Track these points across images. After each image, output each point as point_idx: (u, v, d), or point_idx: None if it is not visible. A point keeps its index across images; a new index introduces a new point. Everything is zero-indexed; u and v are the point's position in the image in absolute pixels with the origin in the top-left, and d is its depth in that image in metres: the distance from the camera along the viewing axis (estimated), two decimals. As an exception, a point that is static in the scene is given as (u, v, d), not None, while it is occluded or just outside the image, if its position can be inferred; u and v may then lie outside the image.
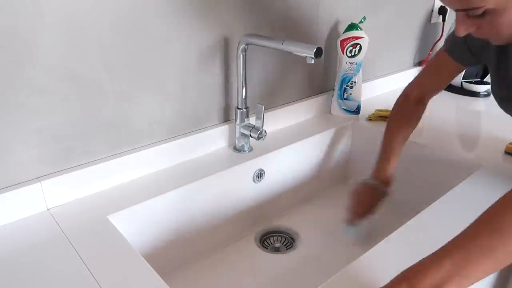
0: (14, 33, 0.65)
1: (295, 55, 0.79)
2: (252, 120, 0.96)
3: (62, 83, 0.72)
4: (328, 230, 0.98)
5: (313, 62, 0.78)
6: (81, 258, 0.65)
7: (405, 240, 0.70)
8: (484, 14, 0.57)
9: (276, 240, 0.98)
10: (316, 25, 1.11)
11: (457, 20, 0.60)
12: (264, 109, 0.91)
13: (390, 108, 1.00)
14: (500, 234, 0.50)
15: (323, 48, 1.16)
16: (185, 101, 0.91)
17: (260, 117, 0.92)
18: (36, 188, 0.74)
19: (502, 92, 0.78)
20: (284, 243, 0.97)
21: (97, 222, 0.73)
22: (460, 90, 1.44)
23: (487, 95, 1.42)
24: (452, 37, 0.85)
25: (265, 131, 0.93)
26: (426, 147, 0.89)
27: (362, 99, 1.21)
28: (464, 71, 1.09)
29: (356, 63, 1.14)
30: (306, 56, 0.78)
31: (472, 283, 0.52)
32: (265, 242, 0.97)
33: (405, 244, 0.70)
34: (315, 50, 0.76)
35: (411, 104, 0.94)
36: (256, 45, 0.85)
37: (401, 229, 0.73)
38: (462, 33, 0.60)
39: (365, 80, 1.27)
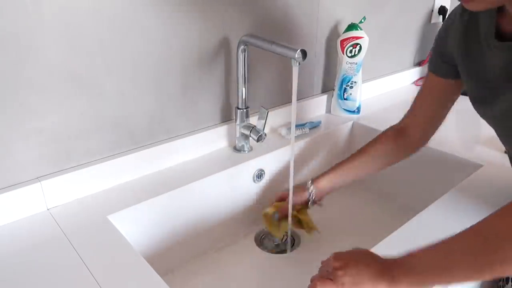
0: (14, 33, 0.65)
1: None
2: (252, 120, 0.96)
3: (62, 83, 0.72)
4: (328, 230, 0.98)
5: (298, 64, 0.76)
6: (81, 258, 0.65)
7: (405, 240, 0.70)
8: None
9: (276, 240, 0.98)
10: (316, 25, 1.11)
11: None
12: (267, 114, 0.91)
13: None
14: (485, 240, 0.50)
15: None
16: (185, 101, 0.91)
17: (262, 121, 0.91)
18: (36, 188, 0.74)
19: (478, 90, 0.71)
20: (284, 243, 0.97)
21: (97, 222, 0.73)
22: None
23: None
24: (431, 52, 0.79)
25: (265, 134, 0.93)
26: (426, 147, 0.89)
27: (362, 99, 1.21)
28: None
29: (356, 63, 1.14)
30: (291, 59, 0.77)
31: (452, 283, 0.52)
32: (265, 242, 0.97)
33: (405, 244, 0.69)
34: (297, 52, 0.75)
35: (401, 139, 0.85)
36: (253, 45, 0.85)
37: (401, 229, 0.73)
38: None
39: (365, 80, 1.27)
